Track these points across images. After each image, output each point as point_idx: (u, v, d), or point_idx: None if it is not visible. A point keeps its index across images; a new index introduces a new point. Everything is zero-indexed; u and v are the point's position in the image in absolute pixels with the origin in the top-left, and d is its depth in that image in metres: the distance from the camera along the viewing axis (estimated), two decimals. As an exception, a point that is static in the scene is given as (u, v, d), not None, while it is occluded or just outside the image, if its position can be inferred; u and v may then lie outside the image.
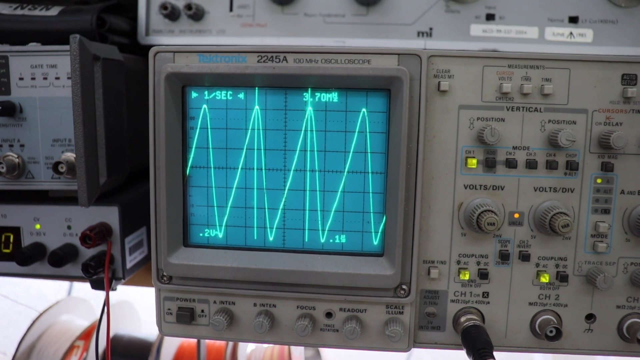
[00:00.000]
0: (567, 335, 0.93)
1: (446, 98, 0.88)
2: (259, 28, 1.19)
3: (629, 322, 0.91)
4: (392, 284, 0.88)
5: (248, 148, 0.90)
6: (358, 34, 1.16)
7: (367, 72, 0.84)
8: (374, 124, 0.88)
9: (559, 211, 0.85)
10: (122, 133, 1.07)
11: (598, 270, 0.89)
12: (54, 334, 1.61)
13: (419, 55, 0.85)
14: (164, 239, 0.90)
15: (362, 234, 0.91)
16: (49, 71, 1.01)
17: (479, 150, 0.89)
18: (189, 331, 0.97)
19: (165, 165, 0.88)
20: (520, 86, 0.87)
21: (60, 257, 1.05)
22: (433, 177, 0.89)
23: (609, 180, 0.88)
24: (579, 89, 0.87)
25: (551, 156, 0.88)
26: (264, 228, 0.92)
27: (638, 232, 0.88)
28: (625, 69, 0.86)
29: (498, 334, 0.93)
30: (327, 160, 0.90)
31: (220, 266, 0.90)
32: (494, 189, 0.89)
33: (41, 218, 1.09)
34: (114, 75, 1.04)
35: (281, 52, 0.86)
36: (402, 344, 0.93)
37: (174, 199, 0.90)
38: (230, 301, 0.95)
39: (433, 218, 0.90)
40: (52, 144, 1.02)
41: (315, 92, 0.88)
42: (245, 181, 0.91)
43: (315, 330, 0.94)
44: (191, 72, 0.86)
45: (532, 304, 0.92)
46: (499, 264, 0.91)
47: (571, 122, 0.88)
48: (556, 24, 1.15)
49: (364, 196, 0.90)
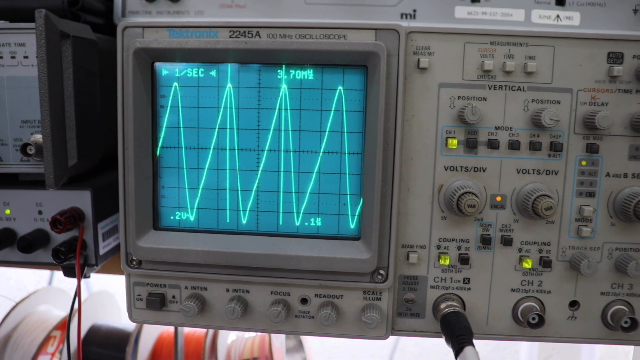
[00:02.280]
0: (550, 322, 0.90)
1: (426, 76, 0.85)
2: (238, 9, 1.15)
3: (614, 309, 0.88)
4: (369, 269, 0.85)
5: (220, 127, 0.87)
6: (340, 16, 1.13)
7: (342, 47, 0.81)
8: (350, 102, 0.85)
9: (542, 193, 0.83)
10: (94, 115, 1.04)
11: (582, 256, 0.86)
12: (30, 324, 1.58)
13: (397, 31, 0.82)
14: (132, 221, 0.87)
15: (339, 216, 0.88)
16: (17, 50, 0.97)
17: (459, 130, 0.85)
18: (159, 317, 0.94)
19: (133, 145, 0.85)
20: (503, 64, 0.84)
21: (30, 242, 1.01)
22: (412, 158, 0.86)
23: (594, 162, 0.86)
24: (564, 67, 0.84)
25: (535, 137, 0.85)
26: (236, 210, 0.89)
27: (623, 216, 0.85)
28: (611, 47, 0.84)
29: (479, 321, 0.90)
30: (302, 140, 0.87)
31: (191, 249, 0.87)
32: (476, 171, 0.86)
33: (11, 203, 1.05)
34: (86, 55, 1.00)
35: (254, 27, 0.83)
36: (379, 331, 0.90)
37: (143, 180, 0.87)
38: (202, 287, 0.91)
39: (412, 201, 0.87)
40: (21, 125, 0.99)
41: (290, 69, 0.85)
42: (217, 162, 0.88)
43: (290, 317, 0.91)
44: (160, 47, 0.83)
45: (515, 290, 0.89)
46: (480, 249, 0.88)
47: (555, 102, 0.85)
48: (543, 6, 1.11)
49: (341, 177, 0.87)
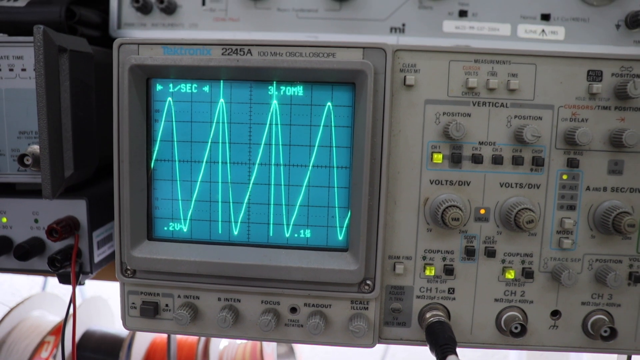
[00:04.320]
0: (533, 331, 0.92)
1: (412, 92, 0.87)
2: (232, 22, 1.18)
3: (594, 318, 0.91)
4: (356, 279, 0.88)
5: (213, 141, 0.90)
6: (331, 29, 1.16)
7: (331, 66, 0.84)
8: (339, 117, 0.88)
9: (524, 207, 0.85)
10: (90, 126, 1.06)
11: (563, 267, 0.89)
12: (24, 329, 1.59)
13: (383, 49, 0.84)
14: (127, 232, 0.89)
15: (327, 228, 0.91)
16: (15, 62, 0.99)
17: (444, 146, 0.88)
18: (153, 325, 0.96)
19: (128, 157, 0.87)
20: (487, 81, 0.86)
21: (26, 250, 1.03)
22: (399, 172, 0.89)
23: (575, 176, 0.88)
24: (545, 84, 0.87)
25: (517, 152, 0.88)
26: (228, 222, 0.92)
27: (603, 229, 0.88)
28: (590, 65, 0.86)
29: (463, 330, 0.93)
30: (292, 154, 0.89)
31: (184, 260, 0.89)
32: (460, 185, 0.89)
33: (8, 211, 1.07)
34: (83, 68, 1.03)
35: (245, 44, 0.85)
36: (366, 339, 0.92)
37: (137, 191, 0.89)
38: (195, 295, 0.94)
39: (398, 213, 0.90)
40: (19, 136, 1.01)
41: (281, 86, 0.88)
42: (210, 175, 0.91)
43: (280, 325, 0.93)
44: (155, 64, 0.85)
45: (498, 300, 0.92)
46: (464, 260, 0.91)
47: (537, 118, 0.87)
48: (528, 21, 1.15)
49: (329, 191, 0.90)
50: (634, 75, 0.86)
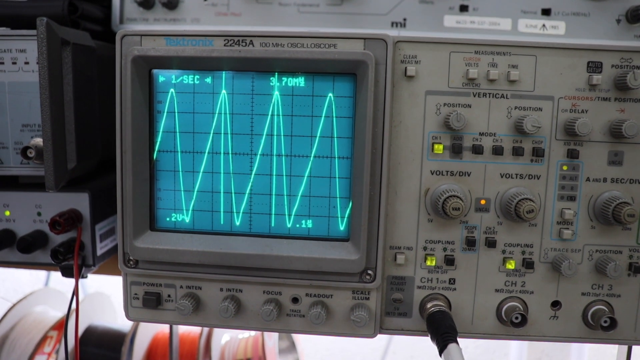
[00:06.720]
0: (533, 322, 0.93)
1: (413, 83, 0.88)
2: (234, 17, 1.19)
3: (594, 309, 0.91)
4: (357, 269, 0.88)
5: (215, 132, 0.90)
6: (332, 24, 1.16)
7: (332, 56, 0.84)
8: (340, 108, 0.88)
9: (524, 197, 0.86)
10: (93, 119, 1.07)
11: (563, 257, 0.89)
12: (27, 324, 1.60)
13: (384, 40, 0.85)
14: (130, 222, 0.90)
15: (329, 219, 0.91)
16: (18, 56, 1.00)
17: (445, 136, 0.89)
18: (155, 316, 0.97)
19: (131, 148, 0.88)
20: (487, 72, 0.87)
21: (29, 243, 1.04)
22: (399, 162, 0.89)
23: (575, 167, 0.89)
24: (545, 76, 0.87)
25: (517, 142, 0.88)
26: (230, 212, 0.92)
27: (603, 219, 0.88)
28: (590, 57, 0.87)
29: (464, 320, 0.93)
30: (293, 145, 0.90)
31: (186, 250, 0.90)
32: (461, 175, 0.89)
33: (11, 204, 1.08)
34: (85, 61, 1.03)
35: (247, 35, 0.86)
36: (367, 329, 0.93)
37: (140, 182, 0.90)
38: (197, 286, 0.94)
39: (399, 203, 0.90)
40: (22, 129, 1.02)
41: (282, 77, 0.88)
42: (212, 165, 0.91)
43: (281, 316, 0.94)
44: (157, 55, 0.86)
45: (499, 290, 0.92)
46: (465, 250, 0.91)
47: (537, 109, 0.88)
48: (529, 16, 1.15)
49: (331, 181, 0.90)
50: (633, 67, 0.87)
